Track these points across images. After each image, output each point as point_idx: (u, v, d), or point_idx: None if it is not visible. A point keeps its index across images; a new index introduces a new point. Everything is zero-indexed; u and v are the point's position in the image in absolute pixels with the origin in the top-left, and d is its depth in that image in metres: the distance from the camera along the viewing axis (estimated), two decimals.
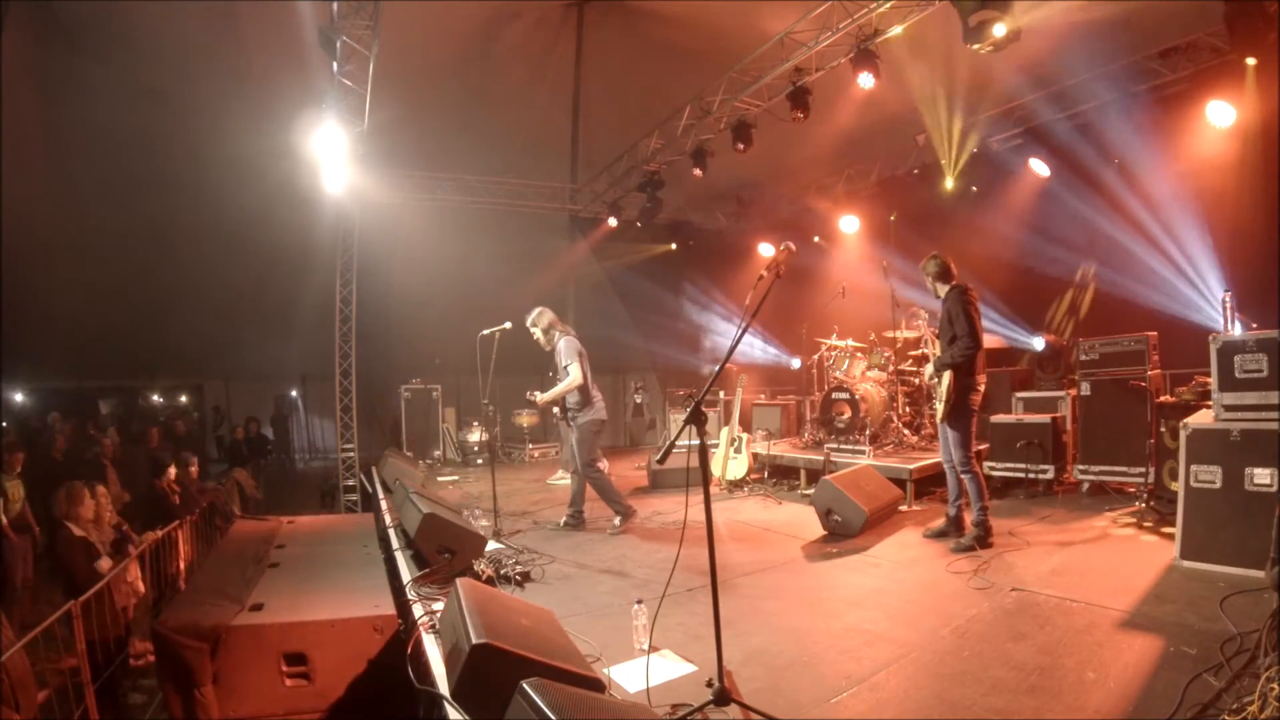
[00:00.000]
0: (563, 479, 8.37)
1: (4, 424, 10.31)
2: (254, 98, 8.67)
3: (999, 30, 5.18)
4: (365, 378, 10.07)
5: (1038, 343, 7.59)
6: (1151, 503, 5.09)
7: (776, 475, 7.44)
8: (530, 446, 10.60)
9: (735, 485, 7.19)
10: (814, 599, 3.86)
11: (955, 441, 4.67)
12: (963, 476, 4.70)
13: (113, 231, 9.91)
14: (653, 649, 3.03)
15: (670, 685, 2.83)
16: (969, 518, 4.75)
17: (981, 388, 4.69)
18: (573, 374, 5.43)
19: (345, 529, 6.03)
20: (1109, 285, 7.46)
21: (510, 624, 2.61)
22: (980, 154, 8.48)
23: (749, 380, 8.13)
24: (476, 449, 10.65)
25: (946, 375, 4.63)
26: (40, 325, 9.94)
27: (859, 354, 7.91)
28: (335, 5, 6.04)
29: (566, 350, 5.49)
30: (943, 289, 4.80)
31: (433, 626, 3.17)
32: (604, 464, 7.80)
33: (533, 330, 5.67)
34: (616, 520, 5.56)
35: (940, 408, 4.73)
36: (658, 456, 2.85)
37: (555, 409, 5.88)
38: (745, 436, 7.38)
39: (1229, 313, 5.36)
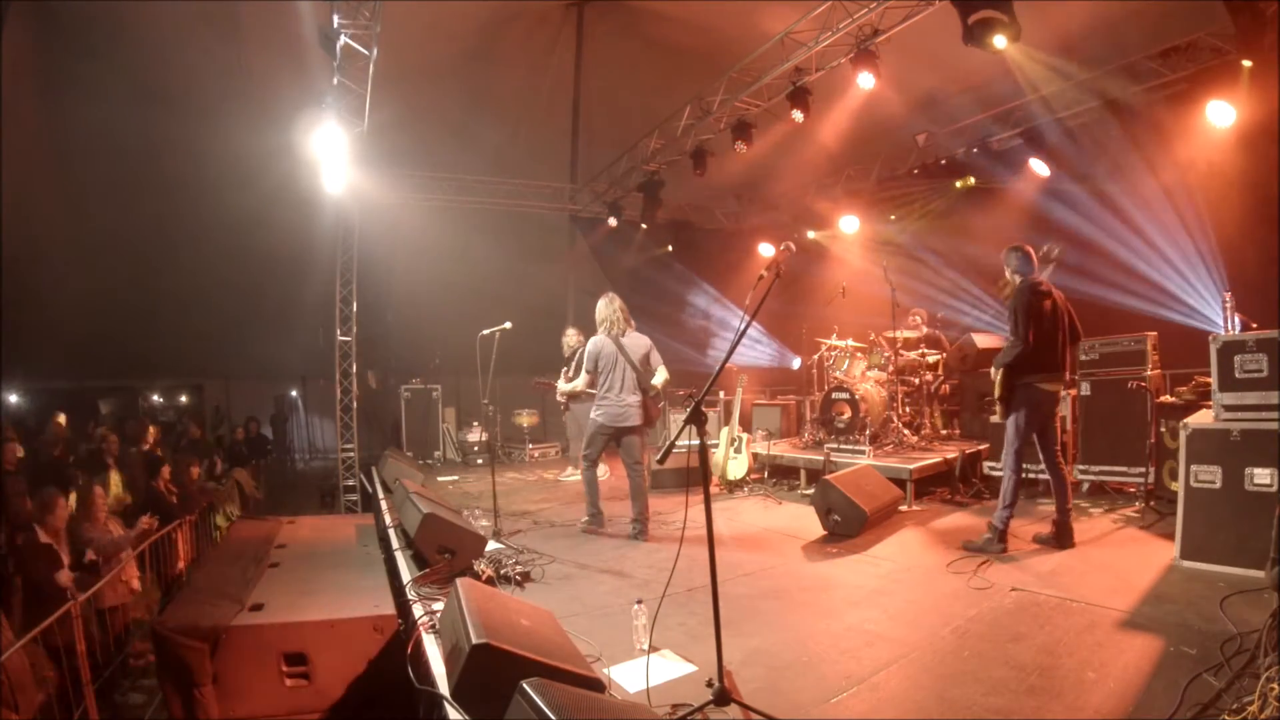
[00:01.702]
0: (573, 475, 8.39)
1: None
2: (254, 98, 8.67)
3: (1000, 43, 5.20)
4: (365, 378, 10.07)
5: None
6: (1151, 503, 5.09)
7: (776, 475, 7.43)
8: (530, 446, 10.59)
9: (735, 485, 7.19)
10: (814, 599, 3.86)
11: (1006, 437, 4.56)
12: (1005, 472, 4.56)
13: (113, 231, 9.92)
14: (653, 649, 3.03)
15: (670, 685, 2.82)
16: (1065, 522, 4.52)
17: (1044, 385, 4.45)
18: (581, 377, 5.58)
19: (345, 529, 6.03)
20: (1110, 284, 7.46)
21: (510, 624, 2.61)
22: (982, 153, 8.50)
23: (749, 380, 8.12)
24: (476, 449, 10.65)
25: (1000, 374, 4.51)
26: (40, 325, 9.94)
27: (859, 354, 7.91)
28: (335, 5, 6.04)
29: (587, 353, 5.53)
30: (1018, 281, 4.58)
31: (433, 626, 3.17)
32: (603, 469, 7.83)
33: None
34: (584, 519, 5.61)
35: (999, 406, 4.64)
36: (658, 456, 2.85)
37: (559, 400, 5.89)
38: (745, 436, 7.38)
39: (1229, 313, 5.36)
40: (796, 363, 11.01)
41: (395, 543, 4.75)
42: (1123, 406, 5.65)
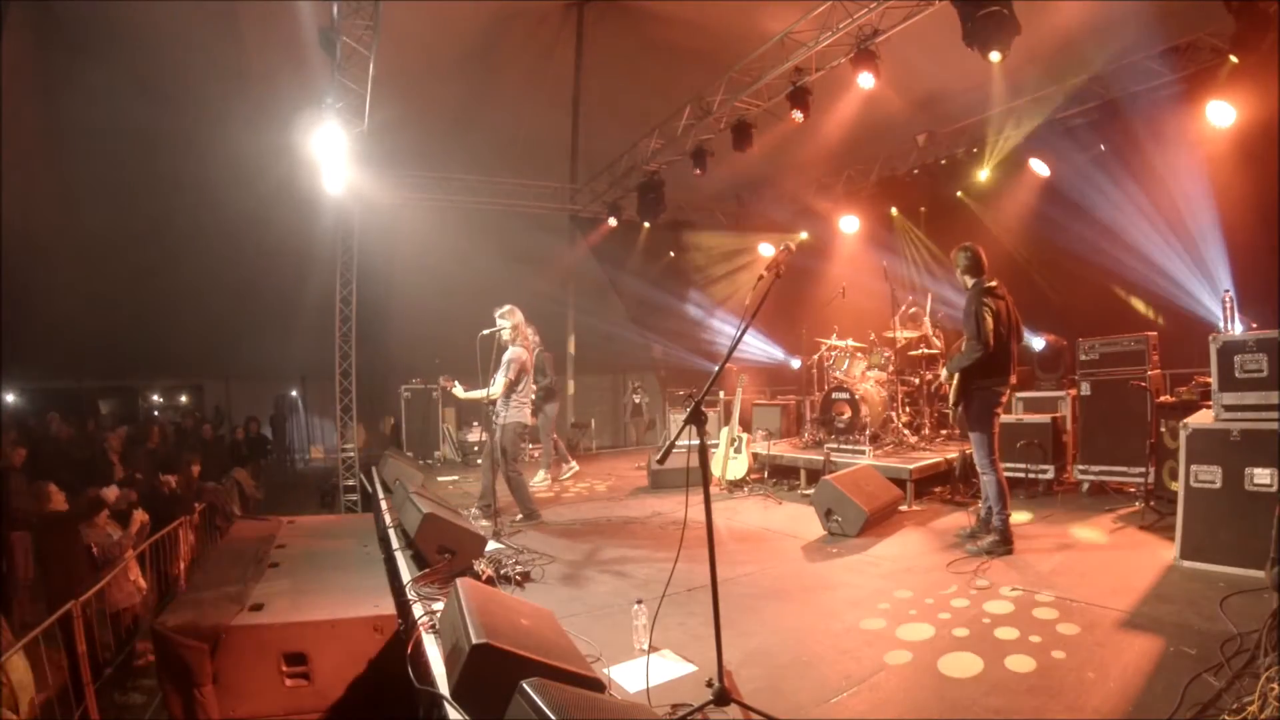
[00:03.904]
0: (571, 471, 8.44)
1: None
2: (254, 98, 8.67)
3: (994, 57, 5.24)
4: (365, 378, 10.06)
5: (1038, 343, 7.59)
6: (1151, 503, 5.09)
7: (776, 475, 7.43)
8: (530, 446, 10.56)
9: (735, 485, 7.19)
10: (814, 599, 3.86)
11: (973, 442, 4.60)
12: (983, 477, 4.58)
13: (113, 231, 9.92)
14: (653, 649, 3.03)
15: (670, 685, 2.83)
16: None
17: (1001, 389, 4.51)
18: (495, 384, 5.68)
19: (345, 529, 6.04)
20: (1110, 284, 7.46)
21: (510, 624, 2.61)
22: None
23: (749, 380, 8.12)
24: (476, 449, 10.64)
25: (956, 378, 4.55)
26: (40, 325, 9.94)
27: (859, 354, 7.91)
28: (335, 5, 6.04)
29: (512, 366, 5.68)
30: (970, 283, 4.61)
31: (433, 626, 3.17)
32: (575, 464, 8.04)
33: (500, 324, 5.78)
34: (519, 516, 5.84)
35: (952, 411, 4.69)
36: (658, 456, 2.87)
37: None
38: (745, 436, 7.38)
39: (1229, 312, 5.36)
40: (796, 363, 11.01)
41: (395, 543, 4.75)
42: (1123, 406, 5.65)
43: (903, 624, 3.40)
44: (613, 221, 11.27)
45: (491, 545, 4.77)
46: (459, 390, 5.77)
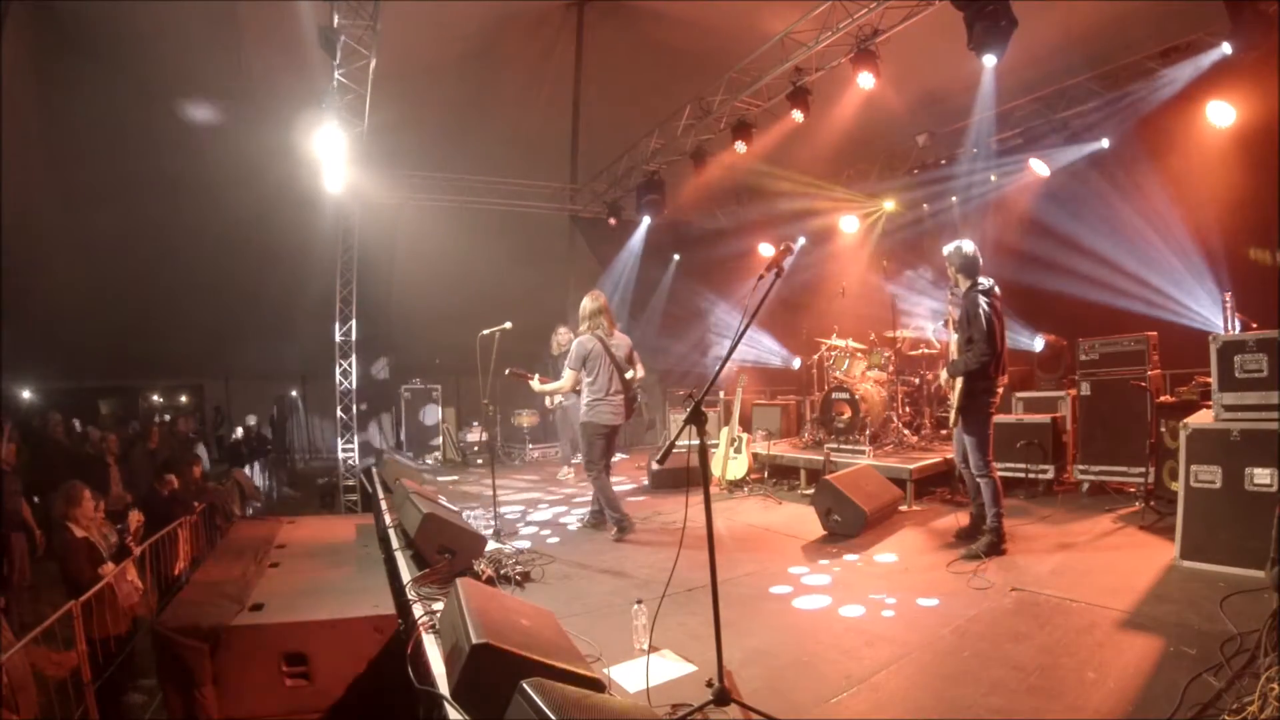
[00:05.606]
0: (569, 474, 8.41)
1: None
2: (254, 98, 8.67)
3: (989, 61, 5.29)
4: (365, 377, 10.08)
5: (1038, 343, 7.59)
6: (1151, 503, 5.09)
7: (776, 475, 7.43)
8: (530, 446, 10.59)
9: (735, 485, 7.19)
10: (814, 599, 3.86)
11: (971, 445, 4.49)
12: (979, 480, 4.51)
13: (113, 231, 9.91)
14: (653, 649, 3.03)
15: (670, 685, 2.83)
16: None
17: (999, 389, 4.48)
18: (563, 378, 5.56)
19: (345, 529, 6.04)
20: (1110, 285, 7.45)
21: (510, 624, 2.61)
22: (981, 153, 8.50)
23: (749, 380, 8.12)
24: (476, 449, 10.65)
25: (961, 382, 4.44)
26: (40, 325, 9.94)
27: (859, 354, 7.91)
28: (335, 5, 6.04)
29: (572, 353, 5.49)
30: (965, 282, 4.52)
31: (433, 626, 3.17)
32: (567, 469, 7.75)
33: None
34: (614, 531, 5.35)
35: (952, 413, 4.60)
36: (658, 456, 2.87)
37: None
38: (745, 436, 7.38)
39: (1229, 313, 5.36)
40: (796, 363, 11.01)
41: (395, 543, 4.75)
42: (1123, 406, 5.65)
43: (903, 624, 3.40)
44: (613, 221, 11.27)
45: (491, 545, 4.77)
46: (536, 384, 5.63)
